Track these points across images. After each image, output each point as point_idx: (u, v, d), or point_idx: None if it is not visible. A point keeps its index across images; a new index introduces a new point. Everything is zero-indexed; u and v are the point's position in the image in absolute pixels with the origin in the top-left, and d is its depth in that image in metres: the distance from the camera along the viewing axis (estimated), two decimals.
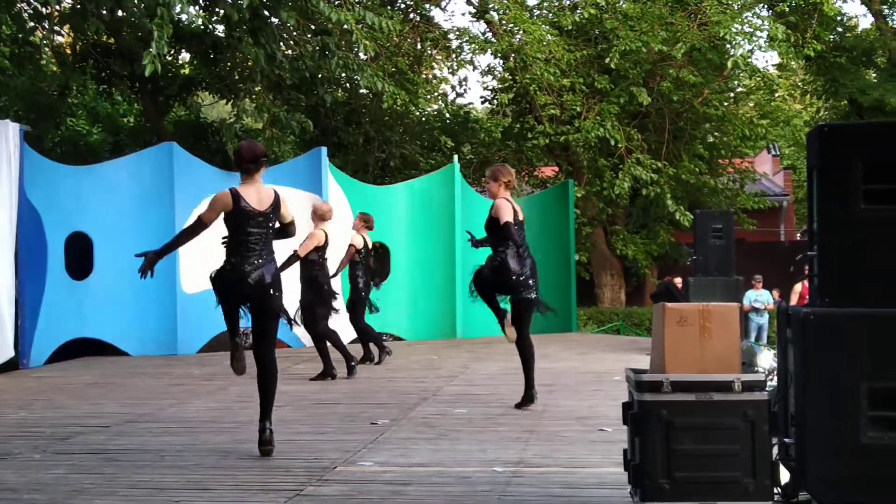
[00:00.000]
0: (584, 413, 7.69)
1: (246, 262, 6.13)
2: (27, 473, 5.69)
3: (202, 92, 19.57)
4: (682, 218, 18.77)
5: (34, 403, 8.66)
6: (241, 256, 6.14)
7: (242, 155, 6.21)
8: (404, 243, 15.03)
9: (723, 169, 22.35)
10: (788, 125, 24.54)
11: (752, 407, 4.35)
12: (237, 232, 6.13)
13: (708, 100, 19.95)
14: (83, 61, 17.86)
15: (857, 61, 23.86)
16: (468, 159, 20.52)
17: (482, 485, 5.28)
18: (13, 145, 11.46)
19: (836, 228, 4.32)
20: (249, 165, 6.19)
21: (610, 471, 5.47)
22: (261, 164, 6.21)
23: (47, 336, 12.04)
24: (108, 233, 12.64)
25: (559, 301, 16.74)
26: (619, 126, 18.74)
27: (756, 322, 18.30)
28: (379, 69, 16.58)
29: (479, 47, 19.91)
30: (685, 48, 18.24)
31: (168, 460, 6.04)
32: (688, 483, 4.32)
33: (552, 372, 10.53)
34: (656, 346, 4.64)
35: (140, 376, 10.50)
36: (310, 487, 5.28)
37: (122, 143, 18.94)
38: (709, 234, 12.75)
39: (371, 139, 19.18)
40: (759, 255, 22.64)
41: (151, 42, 12.28)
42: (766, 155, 32.07)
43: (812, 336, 4.24)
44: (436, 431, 6.95)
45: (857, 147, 4.28)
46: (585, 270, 21.19)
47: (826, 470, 4.21)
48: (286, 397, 8.72)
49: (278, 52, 15.23)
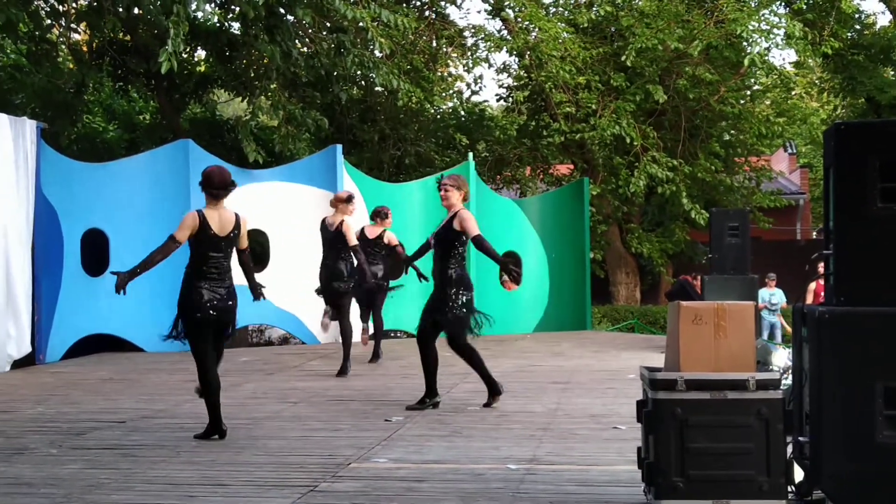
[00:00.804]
0: (599, 411, 7.69)
1: (217, 286, 6.46)
2: (43, 468, 5.73)
3: (218, 89, 19.61)
4: (697, 216, 18.71)
5: (50, 399, 8.71)
6: (207, 280, 6.46)
7: (213, 181, 6.47)
8: (419, 240, 14.99)
9: (739, 167, 22.25)
10: (805, 123, 24.41)
11: (766, 405, 4.34)
12: (199, 255, 6.48)
13: (724, 98, 19.86)
14: (99, 59, 17.93)
15: (874, 59, 23.69)
16: (483, 157, 20.50)
17: (496, 482, 5.29)
18: (30, 142, 11.53)
19: (852, 227, 4.31)
20: (219, 192, 6.48)
21: (624, 468, 5.46)
22: (229, 192, 6.50)
23: (63, 332, 12.11)
24: (124, 229, 12.70)
25: (574, 299, 16.74)
26: (634, 124, 18.69)
27: (769, 321, 18.22)
28: (394, 67, 16.59)
29: (495, 45, 19.89)
30: (701, 46, 18.17)
31: (183, 456, 6.07)
32: (702, 481, 4.32)
33: (566, 370, 10.54)
34: (671, 345, 4.64)
35: (156, 372, 10.55)
36: (324, 484, 5.29)
37: (138, 140, 19.00)
38: (725, 233, 12.70)
39: (386, 137, 19.18)
40: (775, 254, 22.56)
41: (167, 39, 12.33)
42: (783, 153, 31.92)
43: (827, 335, 4.23)
44: (449, 429, 6.95)
45: (874, 145, 4.27)
46: (600, 268, 21.16)
47: (840, 469, 4.20)
48: (301, 394, 8.76)
49: (294, 50, 15.25)
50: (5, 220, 11.00)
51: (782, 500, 4.35)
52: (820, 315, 4.25)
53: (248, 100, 16.71)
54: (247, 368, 10.85)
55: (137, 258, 12.52)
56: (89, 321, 12.45)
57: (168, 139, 16.30)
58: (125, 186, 12.79)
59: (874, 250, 4.26)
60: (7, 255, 11.01)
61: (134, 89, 19.04)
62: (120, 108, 20.21)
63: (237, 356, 12.07)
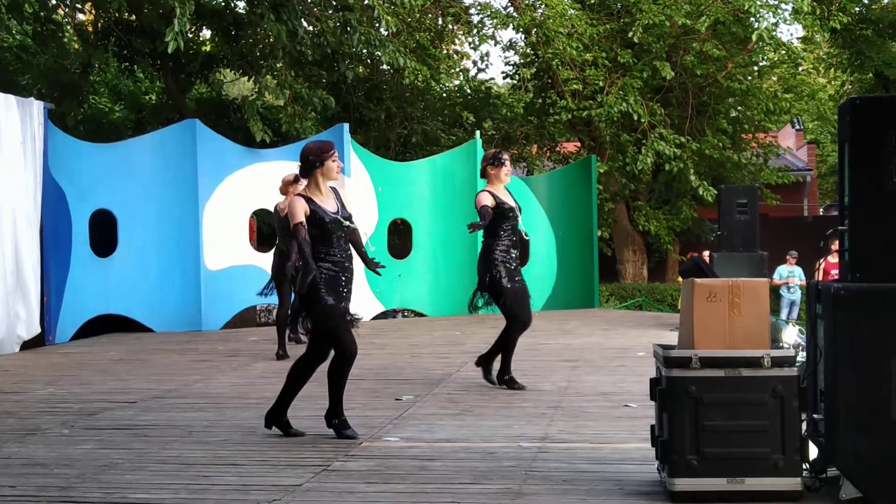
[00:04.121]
0: (609, 389, 7.68)
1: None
2: (56, 448, 5.75)
3: (224, 69, 19.56)
4: (705, 193, 18.64)
5: (61, 379, 8.74)
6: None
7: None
8: (426, 219, 15.02)
9: (746, 144, 22.16)
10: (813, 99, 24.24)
11: (781, 383, 4.33)
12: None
13: (732, 74, 19.74)
14: (105, 39, 17.88)
15: (883, 34, 23.52)
16: (490, 135, 20.42)
17: (508, 460, 5.29)
18: (37, 123, 11.51)
19: (867, 203, 4.28)
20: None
21: (636, 446, 5.46)
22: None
23: (73, 313, 12.14)
24: (132, 210, 12.71)
25: (581, 277, 16.72)
26: (641, 101, 18.59)
27: (788, 298, 18.16)
28: (400, 45, 16.51)
29: (501, 22, 19.77)
30: (709, 21, 18.04)
31: (196, 436, 6.08)
32: (716, 459, 4.32)
33: (575, 348, 10.53)
34: (685, 322, 4.62)
35: (165, 352, 10.57)
36: (336, 463, 5.30)
37: (145, 120, 18.98)
38: (734, 210, 12.66)
39: (393, 115, 19.13)
40: (783, 231, 22.49)
41: (174, 19, 12.28)
42: (790, 129, 31.78)
43: (842, 311, 4.21)
44: (460, 407, 6.96)
45: (890, 120, 4.24)
46: (608, 246, 21.10)
47: (855, 446, 4.20)
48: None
49: (300, 28, 15.18)
50: (14, 202, 11.00)
51: (797, 477, 4.34)
52: (835, 292, 4.23)
53: (254, 79, 16.67)
54: (256, 349, 10.86)
55: (145, 238, 12.68)
56: (98, 302, 12.47)
57: (174, 119, 16.26)
58: (133, 167, 12.77)
59: (890, 226, 4.24)
60: (16, 237, 11.01)
61: (140, 69, 19.01)
62: (126, 89, 20.19)
63: (246, 336, 12.08)
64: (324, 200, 5.89)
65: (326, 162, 5.89)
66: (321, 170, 5.89)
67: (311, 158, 5.89)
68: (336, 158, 5.96)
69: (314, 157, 5.89)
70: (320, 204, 5.85)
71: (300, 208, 5.79)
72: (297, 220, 5.75)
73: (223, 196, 13.08)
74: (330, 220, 5.82)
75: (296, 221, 5.76)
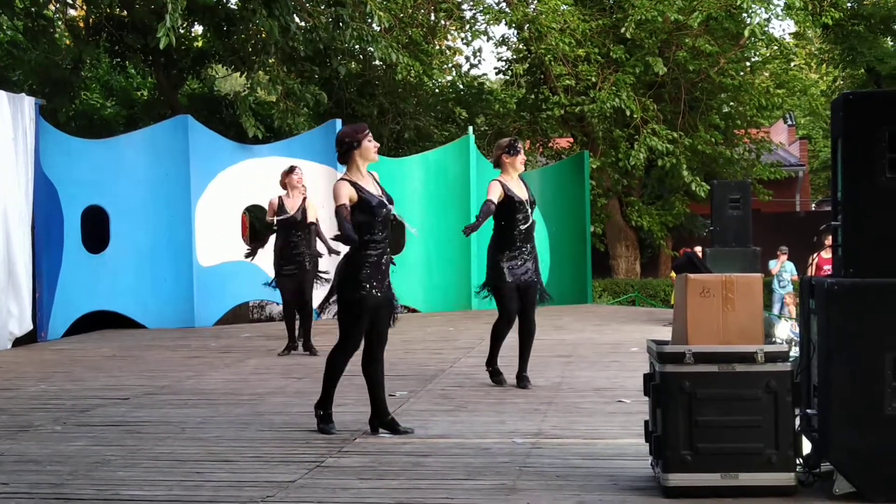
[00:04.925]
0: (602, 384, 7.69)
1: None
2: (49, 445, 5.73)
3: (216, 65, 19.51)
4: (697, 189, 18.67)
5: (53, 376, 8.71)
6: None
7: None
8: (419, 215, 14.99)
9: (739, 139, 22.21)
10: (805, 95, 24.32)
11: (775, 378, 4.33)
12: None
13: (724, 69, 19.77)
14: (96, 35, 17.81)
15: (874, 29, 23.57)
16: (482, 130, 20.43)
17: (502, 456, 5.29)
18: (29, 119, 11.47)
19: (860, 198, 4.28)
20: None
21: (630, 442, 5.46)
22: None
23: (65, 309, 12.11)
24: (124, 206, 12.68)
25: (574, 272, 16.73)
26: (634, 96, 18.62)
27: (779, 293, 18.20)
28: (393, 40, 16.50)
29: (494, 17, 19.78)
30: (701, 17, 18.07)
31: (189, 432, 6.06)
32: (710, 454, 4.32)
33: (568, 343, 10.53)
34: (679, 317, 4.62)
35: (158, 349, 10.55)
36: (330, 459, 5.29)
37: (136, 116, 18.92)
38: (726, 205, 12.69)
39: (385, 111, 19.11)
40: (775, 226, 22.55)
41: (165, 15, 12.25)
42: (782, 125, 31.84)
43: (836, 306, 4.22)
44: (454, 403, 6.95)
45: (883, 116, 4.24)
46: (600, 242, 21.14)
47: (848, 441, 4.20)
48: (305, 369, 8.75)
49: (292, 24, 15.16)
50: (5, 198, 10.95)
51: (791, 472, 4.35)
52: (829, 287, 4.23)
53: (246, 75, 16.63)
54: (249, 345, 10.84)
55: (138, 234, 12.64)
56: (90, 298, 12.44)
57: (166, 115, 16.22)
58: (125, 163, 12.74)
59: (883, 221, 4.24)
60: (7, 233, 10.97)
61: (131, 65, 18.94)
62: (117, 85, 20.12)
63: (239, 332, 12.06)
64: (368, 183, 5.82)
65: (363, 142, 5.80)
66: (359, 150, 5.78)
67: (347, 140, 5.79)
68: (372, 138, 5.87)
69: (350, 138, 5.79)
70: (364, 186, 5.77)
71: (345, 192, 5.67)
72: (341, 202, 5.61)
73: (215, 192, 13.06)
74: (376, 203, 5.76)
75: (339, 203, 5.61)
